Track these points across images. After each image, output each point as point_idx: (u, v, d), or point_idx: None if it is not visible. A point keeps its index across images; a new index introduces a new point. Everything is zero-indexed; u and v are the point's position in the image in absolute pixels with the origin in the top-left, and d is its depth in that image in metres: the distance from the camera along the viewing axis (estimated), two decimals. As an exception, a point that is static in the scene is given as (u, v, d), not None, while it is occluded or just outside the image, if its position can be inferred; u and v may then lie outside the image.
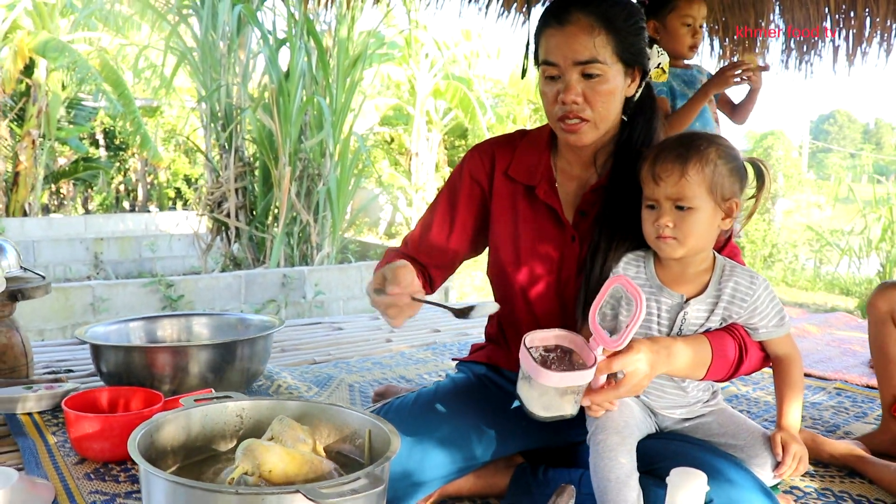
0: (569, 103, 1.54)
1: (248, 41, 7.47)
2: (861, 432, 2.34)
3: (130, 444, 1.17)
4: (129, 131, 11.06)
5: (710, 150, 1.44)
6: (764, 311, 1.53)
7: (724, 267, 1.54)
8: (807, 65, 4.45)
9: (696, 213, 1.44)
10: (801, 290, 7.86)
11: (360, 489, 1.05)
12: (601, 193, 1.67)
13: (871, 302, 2.13)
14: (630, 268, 1.56)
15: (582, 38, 1.51)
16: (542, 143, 1.73)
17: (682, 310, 1.51)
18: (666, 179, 1.43)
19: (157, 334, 2.66)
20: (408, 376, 2.85)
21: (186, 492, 1.09)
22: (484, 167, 1.75)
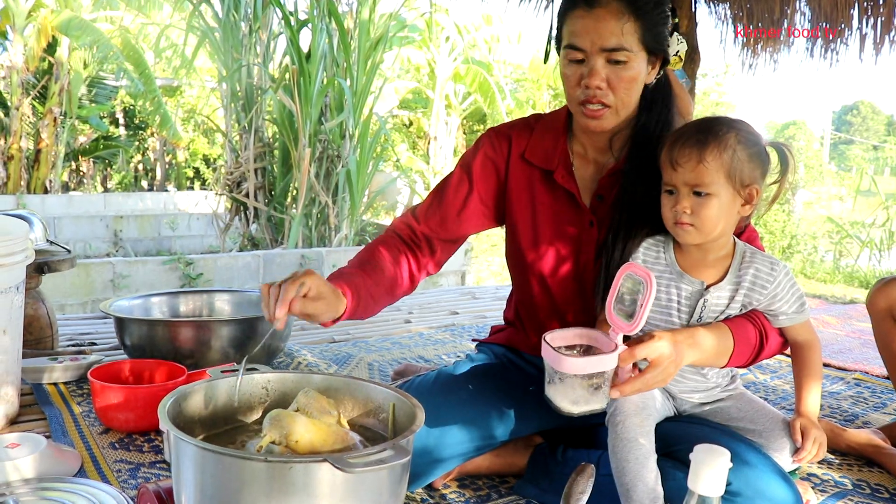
0: (593, 88, 1.53)
1: (269, 22, 7.47)
2: (879, 423, 2.34)
3: (161, 411, 1.19)
4: (149, 111, 11.11)
5: (729, 136, 1.42)
6: (784, 296, 1.53)
7: (745, 253, 1.54)
8: (833, 53, 4.39)
9: (714, 200, 1.42)
10: (820, 282, 7.81)
11: (386, 459, 1.06)
12: (618, 177, 1.67)
13: (869, 300, 2.12)
14: (650, 253, 1.56)
15: (611, 23, 1.50)
16: (558, 127, 1.72)
17: (702, 297, 1.51)
18: (684, 165, 1.42)
19: (179, 310, 2.69)
20: (426, 356, 2.87)
21: (215, 458, 1.11)
22: (501, 150, 1.75)
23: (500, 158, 1.74)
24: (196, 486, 1.14)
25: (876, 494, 1.85)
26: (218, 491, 1.12)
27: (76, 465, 1.71)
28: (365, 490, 1.12)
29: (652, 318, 1.54)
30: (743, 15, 4.52)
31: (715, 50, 9.29)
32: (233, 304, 2.73)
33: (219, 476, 1.11)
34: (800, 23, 4.45)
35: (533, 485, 1.71)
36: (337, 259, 6.32)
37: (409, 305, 3.90)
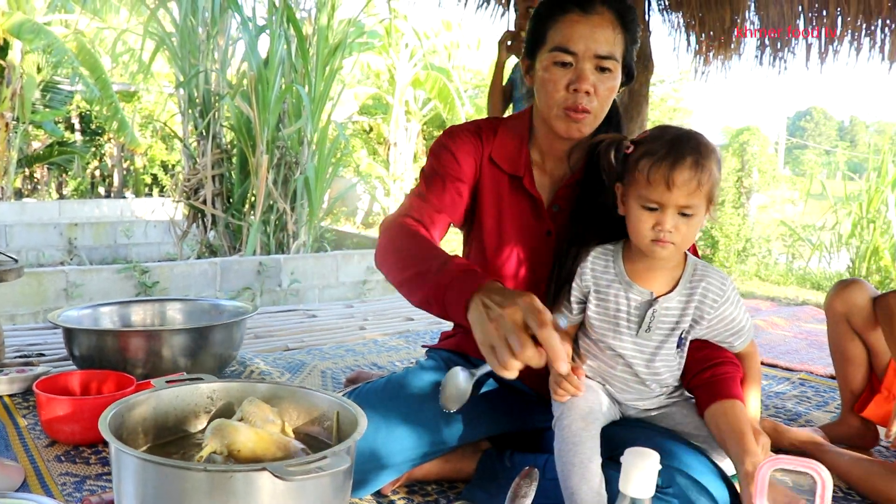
0: (582, 92, 1.54)
1: (227, 27, 7.42)
2: (822, 421, 2.40)
3: (101, 423, 1.19)
4: (105, 116, 10.96)
5: (714, 158, 1.44)
6: (735, 313, 1.57)
7: (697, 266, 1.56)
8: (781, 61, 4.51)
9: (696, 219, 1.44)
10: (774, 284, 7.95)
11: (325, 467, 1.07)
12: (574, 189, 1.69)
13: (828, 303, 2.18)
14: (598, 262, 1.58)
15: (607, 31, 1.52)
16: (522, 134, 1.72)
17: (651, 306, 1.54)
18: (682, 187, 1.40)
19: (130, 319, 2.66)
20: (380, 363, 2.87)
21: (156, 469, 1.11)
22: (475, 147, 1.71)
23: (477, 155, 1.72)
24: (137, 498, 1.14)
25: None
26: (159, 501, 1.12)
27: (19, 480, 1.69)
28: (306, 498, 1.13)
29: (603, 327, 1.56)
30: (695, 23, 4.60)
31: (669, 57, 9.42)
32: (184, 313, 2.71)
33: (159, 487, 1.11)
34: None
35: (481, 489, 1.73)
36: (295, 266, 6.29)
37: (364, 312, 3.90)
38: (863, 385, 2.15)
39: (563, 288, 1.59)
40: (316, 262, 6.51)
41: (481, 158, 1.71)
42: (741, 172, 9.77)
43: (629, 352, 1.56)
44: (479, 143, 1.71)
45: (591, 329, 1.58)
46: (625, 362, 1.57)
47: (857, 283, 2.13)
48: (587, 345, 1.62)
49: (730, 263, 8.60)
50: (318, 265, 6.50)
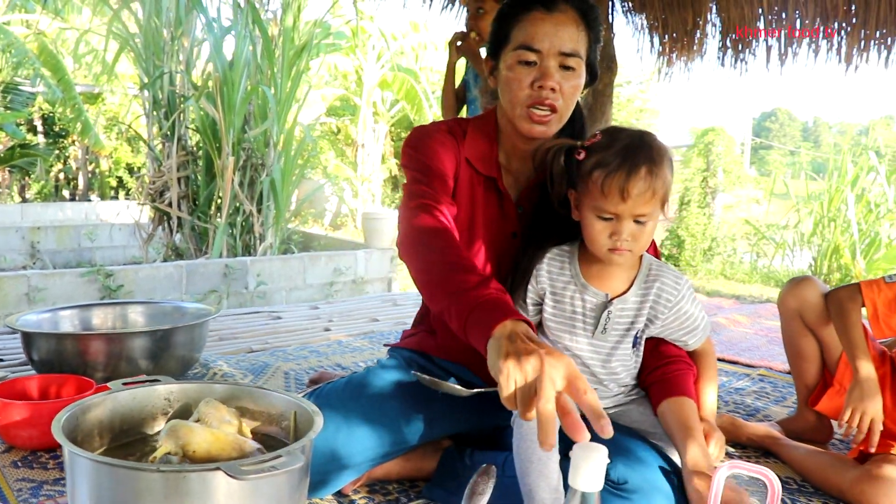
0: (547, 90, 1.54)
1: (192, 28, 7.36)
2: (779, 416, 2.45)
3: (55, 425, 1.19)
4: (69, 118, 10.81)
5: (665, 160, 1.45)
6: (690, 311, 1.59)
7: (651, 266, 1.59)
8: (742, 62, 4.58)
9: (651, 224, 1.47)
10: (739, 282, 8.05)
11: (279, 466, 1.08)
12: (537, 190, 1.70)
13: (781, 300, 2.22)
14: (554, 264, 1.59)
15: (570, 28, 1.53)
16: (490, 134, 1.71)
17: (606, 308, 1.56)
18: (636, 198, 1.42)
19: (91, 322, 2.64)
20: (344, 364, 2.87)
21: (109, 471, 1.11)
22: (453, 145, 1.70)
23: (456, 153, 1.70)
24: (91, 501, 1.14)
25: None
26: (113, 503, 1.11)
27: (-25, 484, 1.67)
28: (261, 497, 1.14)
29: (559, 328, 1.58)
30: (658, 25, 4.66)
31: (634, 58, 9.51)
32: (146, 316, 2.69)
33: (114, 489, 1.11)
34: (711, 33, 4.62)
35: (441, 488, 1.74)
36: (261, 268, 6.26)
37: (329, 313, 3.90)
38: (816, 380, 2.20)
39: (517, 292, 1.61)
40: (283, 264, 6.48)
41: (459, 157, 1.69)
42: (706, 172, 9.87)
43: (585, 353, 1.58)
44: (455, 143, 1.69)
45: (548, 330, 1.60)
46: (581, 362, 1.59)
47: (808, 280, 2.17)
48: None
49: (696, 262, 8.70)
50: (284, 267, 6.47)
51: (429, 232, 1.49)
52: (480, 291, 1.29)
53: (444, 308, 1.35)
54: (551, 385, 1.06)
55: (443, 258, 1.41)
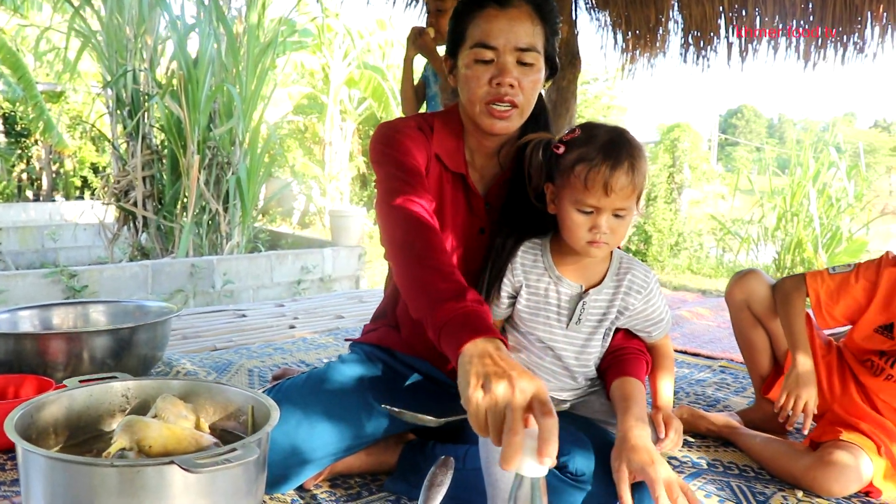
0: (505, 86, 1.54)
1: (155, 26, 7.29)
2: (739, 406, 2.50)
3: (7, 424, 1.18)
4: (31, 117, 10.65)
5: (643, 156, 1.47)
6: (657, 303, 1.63)
7: (622, 259, 1.62)
8: (704, 59, 4.63)
9: (629, 217, 1.49)
10: (706, 277, 8.15)
11: (234, 459, 1.09)
12: (505, 186, 1.72)
13: (728, 293, 2.27)
14: (527, 256, 1.61)
15: (525, 24, 1.53)
16: (456, 130, 1.71)
17: (581, 300, 1.58)
18: (619, 192, 1.43)
19: (51, 322, 2.61)
20: (308, 361, 2.88)
21: (63, 467, 1.11)
22: (424, 140, 1.69)
23: (427, 148, 1.70)
24: (45, 498, 1.14)
25: (728, 471, 1.99)
26: (67, 501, 1.11)
27: (-69, 485, 1.65)
28: (217, 491, 1.14)
29: (534, 320, 1.59)
30: (621, 22, 4.70)
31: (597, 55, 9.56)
32: (108, 315, 2.67)
33: (68, 485, 1.11)
34: (673, 30, 4.68)
35: (403, 481, 1.75)
36: (228, 267, 6.23)
37: (295, 311, 3.89)
38: (769, 369, 2.25)
39: (492, 288, 1.62)
40: (250, 263, 6.45)
41: (430, 152, 1.69)
42: (672, 168, 9.98)
43: (560, 344, 1.60)
44: (424, 138, 1.69)
45: (521, 322, 1.62)
46: (554, 354, 1.61)
47: (753, 273, 2.23)
48: (515, 338, 1.65)
49: (663, 258, 8.80)
50: (251, 266, 6.45)
51: (411, 231, 1.45)
52: (456, 304, 1.26)
53: (421, 316, 1.34)
54: (520, 415, 1.05)
55: (424, 262, 1.39)
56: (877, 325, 2.03)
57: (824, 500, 1.82)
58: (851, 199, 7.85)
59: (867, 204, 8.21)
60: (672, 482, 1.32)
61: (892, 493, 1.87)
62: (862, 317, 2.06)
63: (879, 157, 25.31)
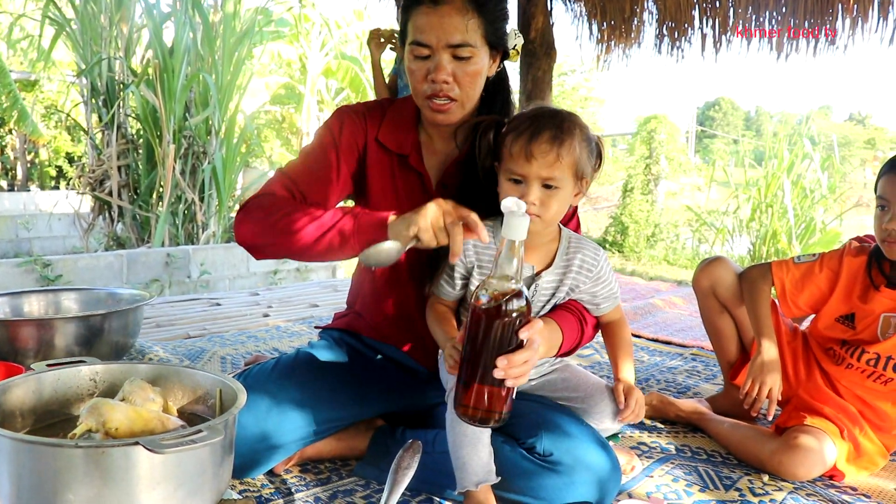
0: (439, 83, 1.57)
1: (130, 14, 7.23)
2: (709, 393, 2.53)
3: (-28, 406, 1.18)
4: (4, 106, 10.52)
5: (577, 132, 1.49)
6: (607, 279, 1.65)
7: (570, 239, 1.64)
8: (678, 50, 4.65)
9: (561, 192, 1.49)
10: (682, 268, 8.20)
11: (199, 440, 1.09)
12: (461, 167, 1.74)
13: (695, 280, 2.30)
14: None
15: (456, 19, 1.54)
16: (408, 115, 1.75)
17: (533, 281, 1.60)
18: (540, 159, 1.45)
19: (23, 310, 2.60)
20: (280, 348, 2.88)
21: (29, 449, 1.11)
22: (360, 129, 1.74)
23: (360, 136, 1.74)
24: (12, 480, 1.14)
25: (696, 457, 2.01)
26: (35, 482, 1.12)
27: None
28: (183, 472, 1.15)
29: None
30: (597, 12, 4.72)
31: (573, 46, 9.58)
32: (80, 303, 2.66)
33: (33, 467, 1.12)
34: (648, 21, 4.70)
35: (373, 466, 1.76)
36: (204, 257, 6.20)
37: (269, 299, 3.89)
38: (736, 356, 2.28)
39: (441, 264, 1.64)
40: (226, 253, 6.43)
41: (365, 138, 1.74)
42: (649, 160, 10.02)
43: None
44: (363, 124, 1.74)
45: None
46: None
47: (719, 260, 2.26)
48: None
49: (639, 248, 8.85)
50: (228, 255, 6.42)
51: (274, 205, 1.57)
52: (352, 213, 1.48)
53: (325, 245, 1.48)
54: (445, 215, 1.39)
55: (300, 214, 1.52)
56: (838, 315, 2.06)
57: (789, 484, 1.85)
58: (825, 191, 7.93)
59: (841, 195, 8.31)
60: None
61: (854, 475, 1.91)
62: (825, 306, 2.09)
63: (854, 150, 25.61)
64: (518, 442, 1.57)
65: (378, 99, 1.88)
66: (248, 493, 1.64)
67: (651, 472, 1.90)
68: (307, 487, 1.70)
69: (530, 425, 1.55)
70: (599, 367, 2.85)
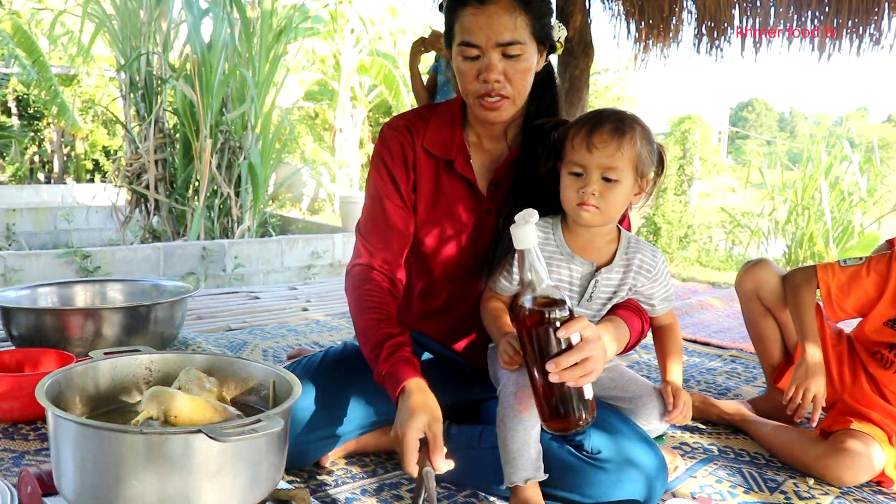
0: (491, 82, 1.57)
1: (169, 10, 7.31)
2: (750, 395, 2.51)
3: (38, 391, 1.21)
4: (44, 100, 10.68)
5: (638, 129, 1.51)
6: (663, 281, 1.66)
7: (630, 240, 1.64)
8: (717, 50, 4.60)
9: (620, 186, 1.50)
10: (714, 269, 8.13)
11: (259, 429, 1.11)
12: (513, 166, 1.74)
13: (737, 282, 2.28)
14: (539, 233, 1.62)
15: (504, 18, 1.54)
16: (454, 118, 1.75)
17: (593, 278, 1.60)
18: (601, 149, 1.48)
19: (70, 299, 2.65)
20: (322, 342, 2.90)
21: (93, 434, 1.13)
22: (407, 142, 1.74)
23: (408, 150, 1.74)
24: (76, 464, 1.16)
25: (739, 458, 2.00)
26: (97, 467, 1.14)
27: (-44, 454, 1.69)
28: (241, 461, 1.17)
29: None
30: (635, 11, 4.68)
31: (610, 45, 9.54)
32: (125, 294, 2.71)
33: (97, 451, 1.14)
34: (686, 20, 4.66)
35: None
36: (239, 251, 6.26)
37: (307, 294, 3.92)
38: (780, 359, 2.26)
39: (500, 262, 1.65)
40: (260, 247, 6.48)
41: (414, 152, 1.74)
42: (683, 160, 9.94)
43: None
44: (409, 137, 1.75)
45: None
46: None
47: (762, 263, 2.24)
48: None
49: (672, 249, 8.79)
50: (262, 250, 6.48)
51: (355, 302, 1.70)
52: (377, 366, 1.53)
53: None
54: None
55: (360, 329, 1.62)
56: (887, 319, 2.03)
57: (836, 489, 1.83)
58: (864, 194, 7.81)
59: (880, 199, 8.18)
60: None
61: (902, 481, 1.89)
62: (872, 310, 2.06)
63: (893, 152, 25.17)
64: (566, 440, 1.57)
65: (418, 107, 1.89)
66: (296, 483, 1.66)
67: (694, 472, 1.89)
68: (353, 480, 1.71)
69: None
70: (638, 366, 2.84)
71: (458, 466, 1.71)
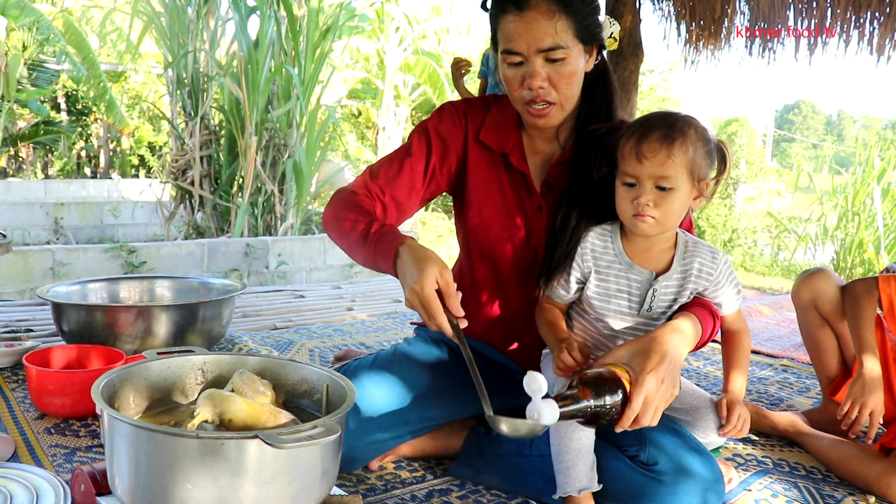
0: (535, 89, 1.55)
1: (217, 8, 7.39)
2: (803, 407, 2.44)
3: (94, 391, 1.20)
4: (92, 96, 10.86)
5: (691, 132, 1.45)
6: (725, 284, 1.60)
7: (687, 243, 1.59)
8: (770, 52, 4.51)
9: (676, 193, 1.46)
10: (759, 275, 8.00)
11: (315, 436, 1.09)
12: (566, 167, 1.71)
13: (794, 292, 2.21)
14: (598, 242, 1.59)
15: (543, 24, 1.51)
16: (511, 114, 1.73)
17: (651, 286, 1.56)
18: (651, 159, 1.43)
19: (119, 296, 2.66)
20: (368, 343, 2.89)
21: (149, 436, 1.12)
22: (460, 126, 1.74)
23: (459, 133, 1.74)
24: (130, 465, 1.16)
25: (794, 472, 1.94)
26: (151, 468, 1.13)
27: (9, 451, 1.70)
28: (296, 467, 1.15)
29: (604, 307, 1.58)
30: (686, 13, 4.61)
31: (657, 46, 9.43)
32: (173, 291, 2.72)
33: (152, 453, 1.13)
34: (739, 22, 4.56)
35: (467, 466, 1.75)
36: (282, 248, 6.29)
37: (352, 294, 3.92)
38: (837, 370, 2.19)
39: (558, 267, 1.61)
40: (303, 245, 6.51)
41: (465, 136, 1.74)
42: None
43: (630, 330, 1.58)
44: (463, 122, 1.74)
45: (591, 309, 1.60)
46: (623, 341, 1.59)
47: (821, 272, 2.17)
48: (581, 323, 1.64)
49: (715, 253, 8.65)
50: (305, 247, 6.50)
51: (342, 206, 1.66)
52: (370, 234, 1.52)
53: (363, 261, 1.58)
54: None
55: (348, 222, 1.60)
56: None
57: (898, 507, 1.77)
58: (919, 200, 7.61)
59: (937, 205, 7.96)
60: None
61: (968, 502, 1.82)
62: None
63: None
64: (622, 450, 1.54)
65: (481, 97, 1.86)
66: (346, 487, 1.64)
67: (749, 485, 1.84)
68: (403, 485, 1.69)
69: (635, 434, 1.51)
70: (687, 373, 2.79)
71: (508, 473, 1.70)
